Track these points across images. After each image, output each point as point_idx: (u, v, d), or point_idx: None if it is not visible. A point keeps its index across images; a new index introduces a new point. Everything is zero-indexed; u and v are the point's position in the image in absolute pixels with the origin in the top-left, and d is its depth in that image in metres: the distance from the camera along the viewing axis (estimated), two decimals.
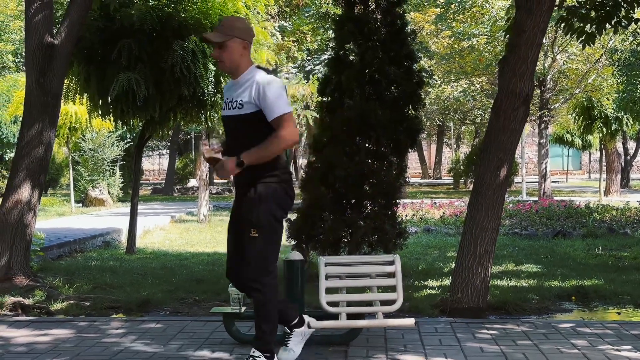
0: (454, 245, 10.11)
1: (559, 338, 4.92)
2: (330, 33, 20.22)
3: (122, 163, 24.16)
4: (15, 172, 6.78)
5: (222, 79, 8.89)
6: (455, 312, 5.85)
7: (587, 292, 6.84)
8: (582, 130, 22.28)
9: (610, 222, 13.14)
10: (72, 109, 15.98)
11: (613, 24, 6.96)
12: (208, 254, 9.92)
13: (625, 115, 20.53)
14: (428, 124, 36.65)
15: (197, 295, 6.63)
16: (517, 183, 30.36)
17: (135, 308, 6.19)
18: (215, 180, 34.17)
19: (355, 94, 7.13)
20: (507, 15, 8.14)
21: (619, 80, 17.74)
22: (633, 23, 7.07)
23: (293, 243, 7.30)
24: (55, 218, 15.77)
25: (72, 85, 8.95)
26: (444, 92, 29.11)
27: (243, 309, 4.59)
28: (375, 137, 7.14)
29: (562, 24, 7.10)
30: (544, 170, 22.90)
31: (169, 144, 33.62)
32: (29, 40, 6.80)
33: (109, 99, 8.59)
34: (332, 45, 10.79)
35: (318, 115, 7.92)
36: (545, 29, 6.01)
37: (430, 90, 28.05)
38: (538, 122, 23.37)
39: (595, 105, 21.21)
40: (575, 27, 7.05)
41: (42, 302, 6.12)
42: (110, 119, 9.43)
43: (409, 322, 4.66)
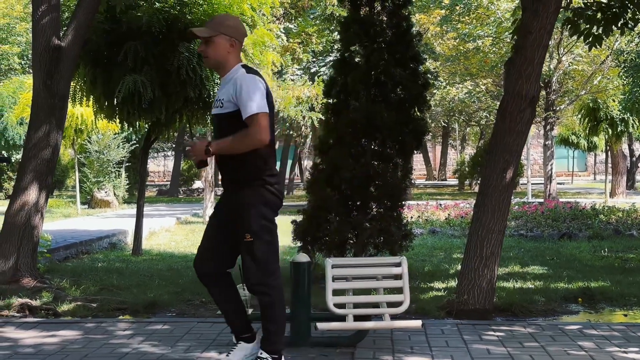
0: (460, 247, 10.10)
1: (566, 340, 4.92)
2: (336, 35, 20.23)
3: (127, 165, 24.20)
4: (23, 174, 6.80)
5: None
6: (462, 313, 5.84)
7: (593, 293, 6.83)
8: (587, 132, 22.20)
9: (616, 223, 13.11)
10: (78, 111, 16.00)
11: (620, 26, 6.95)
12: None
13: (631, 117, 20.50)
14: (433, 126, 36.65)
15: (203, 297, 6.63)
16: (522, 185, 30.37)
17: (142, 309, 6.21)
18: (220, 182, 34.16)
19: (361, 96, 7.14)
20: (513, 17, 8.13)
21: (625, 82, 17.73)
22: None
23: (299, 245, 7.32)
24: (61, 220, 15.80)
25: (78, 88, 8.98)
26: (449, 93, 29.11)
27: (250, 311, 4.59)
28: (381, 138, 7.15)
29: (568, 26, 7.09)
30: (550, 172, 22.87)
31: (174, 146, 33.66)
32: (36, 43, 6.83)
33: (115, 101, 8.60)
34: (337, 47, 10.79)
35: (323, 117, 7.93)
36: (552, 31, 6.00)
37: (436, 92, 28.05)
38: (543, 123, 23.35)
39: (601, 107, 21.15)
40: (582, 29, 7.04)
41: (49, 303, 6.14)
42: (116, 121, 9.46)
43: (416, 323, 4.65)
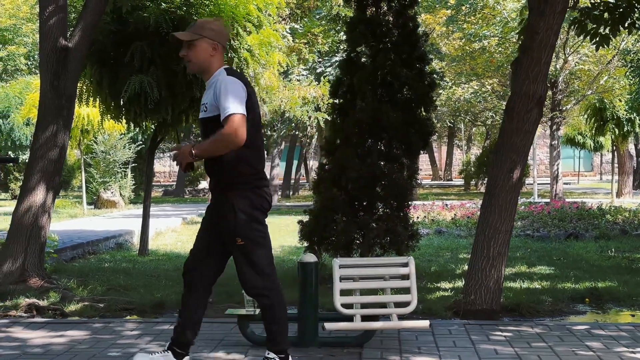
0: (466, 247, 10.09)
1: (574, 340, 4.91)
2: (341, 35, 20.26)
3: (133, 165, 24.24)
4: (30, 174, 6.82)
5: None
6: (469, 314, 5.84)
7: (600, 294, 6.82)
8: (593, 132, 22.13)
9: (623, 223, 13.07)
10: (84, 112, 16.03)
11: (627, 26, 6.94)
12: None
13: (638, 117, 20.43)
14: (439, 126, 36.59)
15: (210, 297, 6.63)
16: (528, 185, 30.28)
17: (149, 310, 6.23)
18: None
19: (367, 96, 7.14)
20: (520, 17, 8.13)
21: (632, 82, 17.69)
22: None
23: (305, 245, 7.32)
24: (68, 220, 15.83)
25: (84, 88, 9.00)
26: (455, 93, 29.06)
27: (257, 311, 4.60)
28: (387, 139, 7.15)
29: (575, 26, 7.07)
30: (556, 172, 22.81)
31: None
32: (44, 44, 6.85)
33: (122, 102, 8.62)
34: (343, 47, 10.79)
35: (329, 117, 7.92)
36: (559, 31, 5.99)
37: (442, 92, 28.01)
38: (550, 123, 23.29)
39: (607, 107, 21.07)
40: (589, 29, 7.03)
41: (56, 303, 6.15)
42: (123, 122, 9.48)
43: (424, 324, 4.65)
